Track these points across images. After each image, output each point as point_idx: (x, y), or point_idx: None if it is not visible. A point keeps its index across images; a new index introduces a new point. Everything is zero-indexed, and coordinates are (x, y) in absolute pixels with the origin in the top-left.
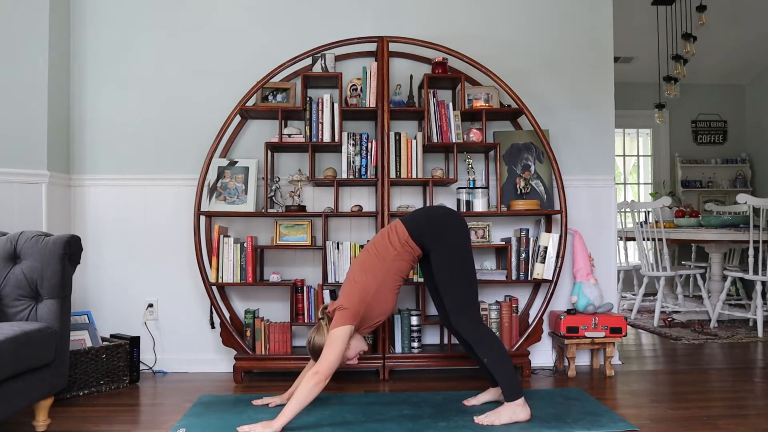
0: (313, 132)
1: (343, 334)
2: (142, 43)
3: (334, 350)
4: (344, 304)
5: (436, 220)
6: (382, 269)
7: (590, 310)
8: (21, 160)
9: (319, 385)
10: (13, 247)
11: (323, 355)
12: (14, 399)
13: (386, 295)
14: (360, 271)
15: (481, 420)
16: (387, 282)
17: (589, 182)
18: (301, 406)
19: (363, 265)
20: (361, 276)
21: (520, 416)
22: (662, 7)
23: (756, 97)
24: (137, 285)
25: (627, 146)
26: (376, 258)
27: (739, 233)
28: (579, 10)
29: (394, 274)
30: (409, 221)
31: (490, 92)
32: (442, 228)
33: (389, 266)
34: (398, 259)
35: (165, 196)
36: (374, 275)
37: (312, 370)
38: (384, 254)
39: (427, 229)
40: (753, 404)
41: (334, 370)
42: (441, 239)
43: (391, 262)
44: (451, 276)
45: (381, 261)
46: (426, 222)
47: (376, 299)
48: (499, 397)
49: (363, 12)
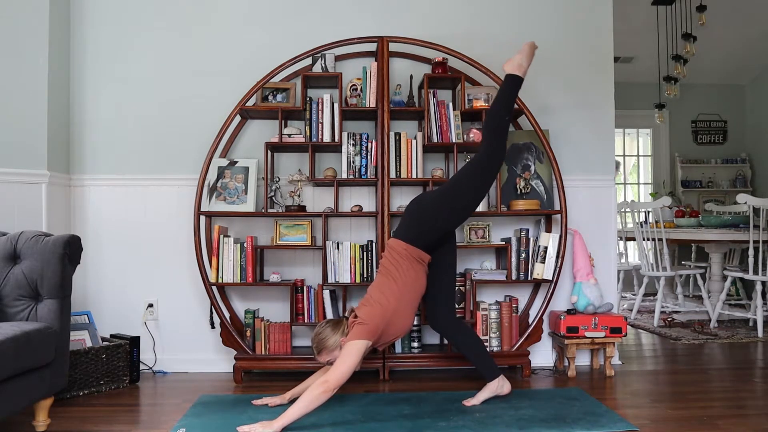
0: (313, 132)
1: (359, 349)
2: (143, 43)
3: (347, 363)
4: (365, 320)
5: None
6: (399, 286)
7: (590, 310)
8: (21, 160)
9: (327, 393)
10: (13, 247)
11: (336, 366)
12: (14, 399)
13: (406, 312)
14: (378, 292)
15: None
16: (406, 300)
17: (589, 182)
18: (304, 411)
19: (381, 287)
20: (380, 296)
21: (505, 389)
22: (662, 7)
23: (756, 97)
24: (137, 285)
25: (627, 146)
26: (390, 279)
27: (739, 233)
28: (579, 10)
29: (411, 289)
30: (400, 234)
31: (490, 92)
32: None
33: (404, 282)
34: (411, 271)
35: (165, 196)
36: (393, 295)
37: (322, 378)
38: (395, 273)
39: (416, 225)
40: (753, 404)
41: (343, 382)
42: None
43: (405, 277)
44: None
45: (395, 280)
46: (412, 224)
47: (397, 316)
48: (496, 392)
49: (363, 12)
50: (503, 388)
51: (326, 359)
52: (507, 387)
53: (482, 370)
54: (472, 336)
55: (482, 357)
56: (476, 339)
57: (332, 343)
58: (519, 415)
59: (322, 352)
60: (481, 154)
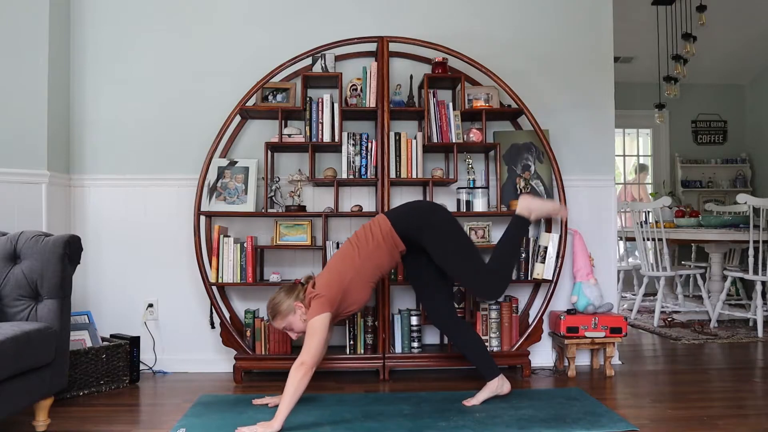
0: (313, 132)
1: (322, 323)
2: (143, 43)
3: (316, 339)
4: (321, 291)
5: (422, 211)
6: (360, 259)
7: (590, 310)
8: (21, 160)
9: (307, 375)
10: (13, 247)
11: (307, 345)
12: (14, 399)
13: (362, 285)
14: (339, 260)
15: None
16: (364, 272)
17: (589, 182)
18: (294, 399)
19: (343, 255)
20: (339, 264)
21: (505, 389)
22: (662, 7)
23: (756, 97)
24: (137, 285)
25: (627, 146)
26: (356, 248)
27: (739, 233)
28: (579, 9)
29: (372, 266)
30: (393, 215)
31: (490, 92)
32: (429, 218)
33: (368, 257)
34: (377, 251)
35: (165, 196)
36: (352, 264)
37: (298, 361)
38: (364, 245)
39: (414, 221)
40: (753, 404)
41: (319, 359)
42: (430, 228)
43: (371, 252)
44: (455, 253)
45: (360, 252)
46: (412, 215)
47: (352, 286)
48: (496, 391)
49: (363, 12)
50: (503, 388)
51: (281, 325)
52: (507, 386)
53: (482, 369)
54: (472, 334)
55: (482, 356)
56: (476, 338)
57: (286, 307)
58: (519, 415)
59: (276, 317)
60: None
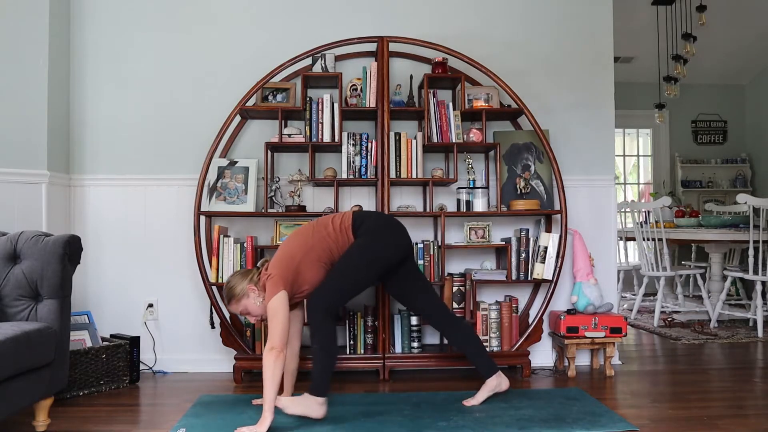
0: (313, 132)
1: (279, 302)
2: (143, 43)
3: (277, 321)
4: (272, 271)
5: (382, 220)
6: (312, 240)
7: (590, 310)
8: (21, 160)
9: (279, 358)
10: (13, 247)
11: (270, 330)
12: (14, 399)
13: (311, 264)
14: (293, 238)
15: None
16: (313, 253)
17: (589, 182)
18: (274, 385)
19: (297, 233)
20: (291, 243)
21: (314, 412)
22: (662, 7)
23: (756, 97)
24: (137, 285)
25: (627, 146)
26: (311, 230)
27: (739, 233)
28: (579, 10)
29: (322, 249)
30: (359, 213)
31: (490, 92)
32: (382, 229)
33: (319, 239)
34: (329, 239)
35: (165, 196)
36: (304, 243)
37: (267, 346)
38: (319, 229)
39: (368, 221)
40: (753, 404)
41: (286, 338)
42: (371, 235)
43: (323, 237)
44: (347, 266)
45: (314, 234)
46: (369, 223)
47: (303, 266)
48: (495, 389)
49: (363, 12)
50: (501, 385)
51: (237, 309)
52: (505, 383)
53: (479, 366)
54: (468, 332)
55: (479, 353)
56: (472, 335)
57: (240, 290)
58: (519, 415)
59: (231, 301)
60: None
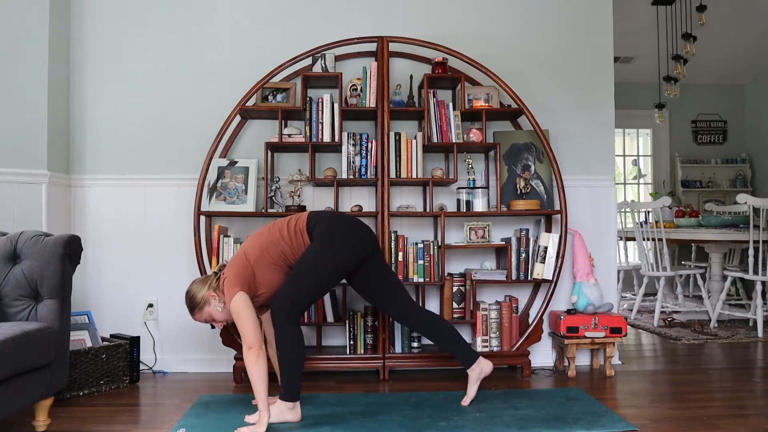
0: (313, 132)
1: (240, 303)
2: (143, 43)
3: (245, 321)
4: (226, 273)
5: (336, 221)
6: (266, 242)
7: (590, 310)
8: (21, 160)
9: (260, 356)
10: (13, 247)
11: (241, 332)
12: (14, 399)
13: (268, 268)
14: (249, 240)
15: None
16: (268, 256)
17: (589, 182)
18: (263, 383)
19: (254, 235)
20: (246, 244)
21: (288, 417)
22: (662, 7)
23: (756, 97)
24: (137, 285)
25: (627, 146)
26: (267, 232)
27: (739, 233)
28: (579, 10)
29: (276, 252)
30: (314, 214)
31: (490, 92)
32: (336, 231)
33: (273, 242)
34: (283, 242)
35: (165, 196)
36: (258, 245)
37: (244, 348)
38: (274, 232)
39: (321, 223)
40: (753, 404)
41: (259, 336)
42: (326, 238)
43: (277, 240)
44: (304, 272)
45: (269, 236)
46: (326, 219)
47: (258, 268)
48: (480, 376)
49: (363, 12)
50: (484, 370)
51: (201, 318)
52: (488, 367)
53: (459, 356)
54: (442, 325)
55: (456, 343)
56: (447, 326)
57: (201, 298)
58: (519, 415)
59: (194, 311)
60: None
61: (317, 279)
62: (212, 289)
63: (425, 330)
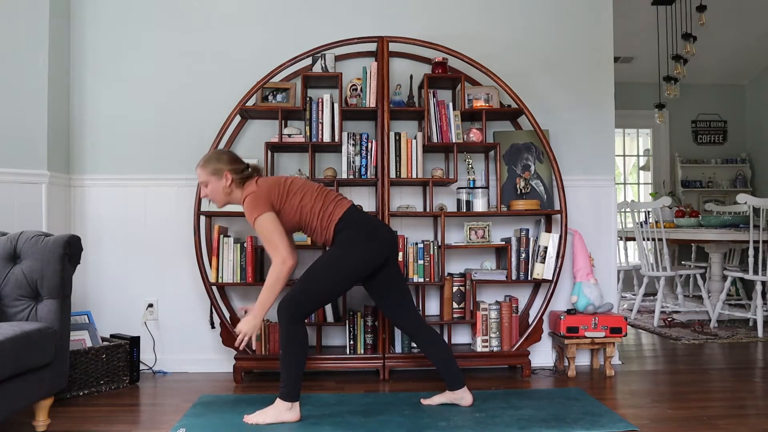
0: (313, 132)
1: (270, 223)
2: (142, 43)
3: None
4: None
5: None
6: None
7: (590, 310)
8: (21, 160)
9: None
10: (13, 247)
11: (273, 247)
12: (14, 399)
13: (285, 215)
14: (299, 181)
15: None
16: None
17: (589, 182)
18: (273, 295)
19: (305, 183)
20: (297, 181)
21: (286, 417)
22: (662, 7)
23: (756, 97)
24: (137, 285)
25: (627, 146)
26: (314, 193)
27: (739, 233)
28: (579, 10)
29: (303, 214)
30: (347, 214)
31: (490, 92)
32: (359, 241)
33: (309, 208)
34: (313, 216)
35: (165, 196)
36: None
37: (277, 260)
38: (317, 201)
39: (349, 231)
40: (753, 404)
41: (288, 248)
42: (347, 247)
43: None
44: (319, 276)
45: (311, 200)
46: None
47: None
48: (456, 401)
49: (363, 12)
50: (464, 399)
51: (202, 178)
52: (469, 399)
53: (448, 377)
54: (440, 347)
55: (449, 368)
56: (444, 350)
57: (220, 168)
58: (519, 415)
59: (205, 167)
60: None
61: (331, 285)
62: (236, 173)
63: (426, 350)
